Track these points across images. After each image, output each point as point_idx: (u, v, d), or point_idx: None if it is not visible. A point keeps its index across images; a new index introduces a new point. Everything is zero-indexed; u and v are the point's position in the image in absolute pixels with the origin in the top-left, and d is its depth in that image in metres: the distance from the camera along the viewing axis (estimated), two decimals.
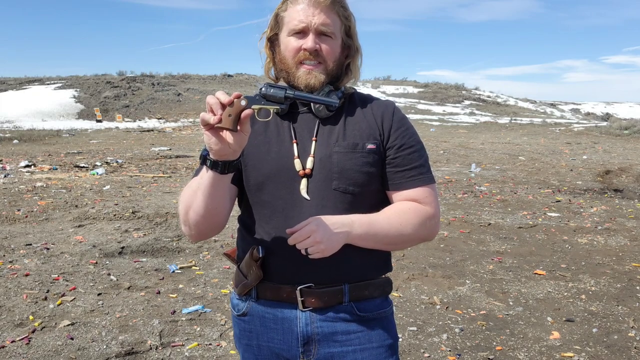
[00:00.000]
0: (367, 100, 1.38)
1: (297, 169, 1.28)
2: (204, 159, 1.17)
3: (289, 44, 1.29)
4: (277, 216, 1.29)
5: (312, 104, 1.29)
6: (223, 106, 1.07)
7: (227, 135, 1.09)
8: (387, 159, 1.31)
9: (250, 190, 1.34)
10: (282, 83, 1.31)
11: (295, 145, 1.29)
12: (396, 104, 1.39)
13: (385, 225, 1.26)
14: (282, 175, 1.29)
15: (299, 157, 1.29)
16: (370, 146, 1.29)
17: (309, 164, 1.28)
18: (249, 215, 1.36)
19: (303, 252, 1.18)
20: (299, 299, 1.28)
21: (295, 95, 1.09)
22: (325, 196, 1.26)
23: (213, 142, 1.09)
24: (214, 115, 1.06)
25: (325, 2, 1.26)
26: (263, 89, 1.08)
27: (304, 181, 1.28)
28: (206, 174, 1.18)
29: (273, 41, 1.35)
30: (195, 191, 1.24)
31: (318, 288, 1.28)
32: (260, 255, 1.29)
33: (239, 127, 1.08)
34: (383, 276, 1.38)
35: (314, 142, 1.30)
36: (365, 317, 1.32)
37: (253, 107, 1.08)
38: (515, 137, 19.99)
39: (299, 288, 1.28)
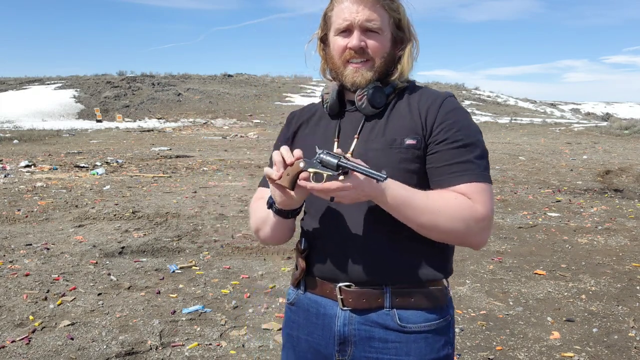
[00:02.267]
0: (418, 93, 1.30)
1: None
2: (270, 205, 1.25)
3: (336, 43, 1.28)
4: (318, 214, 1.30)
5: (356, 100, 1.27)
6: (285, 165, 1.14)
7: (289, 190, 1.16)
8: (428, 154, 1.23)
9: None
10: (337, 151, 1.16)
11: (335, 143, 1.29)
12: (452, 96, 1.29)
13: (420, 204, 1.16)
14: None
15: None
16: (410, 142, 1.22)
17: None
18: (304, 213, 1.39)
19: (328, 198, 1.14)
20: (339, 297, 1.26)
21: (347, 164, 1.06)
22: None
23: (277, 195, 1.18)
24: (277, 171, 1.15)
25: None
26: (322, 155, 1.09)
27: (340, 179, 1.23)
28: (270, 215, 1.27)
29: (324, 42, 1.34)
30: (264, 220, 1.33)
31: (357, 288, 1.25)
32: (303, 248, 1.32)
33: (295, 187, 1.16)
34: (436, 283, 1.27)
35: (355, 140, 1.28)
36: (407, 329, 1.24)
37: (309, 170, 1.12)
38: (515, 137, 19.99)
39: (338, 286, 1.26)
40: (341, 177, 1.09)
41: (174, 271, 4.43)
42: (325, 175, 1.10)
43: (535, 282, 4.27)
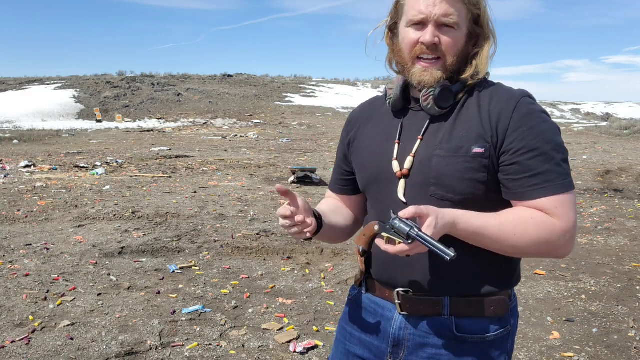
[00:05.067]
0: (490, 90, 1.21)
1: (395, 170, 1.22)
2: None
3: (406, 35, 1.19)
4: (378, 218, 1.23)
5: (421, 100, 1.20)
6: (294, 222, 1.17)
7: (306, 232, 1.19)
8: (502, 165, 1.14)
9: (362, 189, 1.36)
10: (409, 211, 1.07)
11: (396, 145, 1.24)
12: (527, 96, 1.18)
13: (495, 232, 1.11)
14: (381, 178, 1.25)
15: (397, 158, 1.22)
16: (477, 150, 1.14)
17: (407, 164, 1.20)
18: (368, 212, 1.38)
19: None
20: (396, 302, 1.24)
21: (417, 236, 1.03)
22: (421, 202, 1.12)
23: (294, 235, 1.20)
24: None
25: None
26: (395, 221, 1.08)
27: (401, 183, 1.21)
28: None
29: (392, 30, 1.26)
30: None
31: (416, 295, 1.22)
32: (362, 251, 1.30)
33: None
34: (499, 293, 1.22)
35: (418, 141, 1.20)
36: (463, 338, 1.20)
37: (383, 234, 1.13)
38: None
39: (396, 291, 1.24)
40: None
41: (173, 271, 4.42)
42: (397, 241, 1.10)
43: (535, 282, 4.27)
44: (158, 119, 25.36)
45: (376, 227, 1.15)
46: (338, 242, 1.42)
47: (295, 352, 3.04)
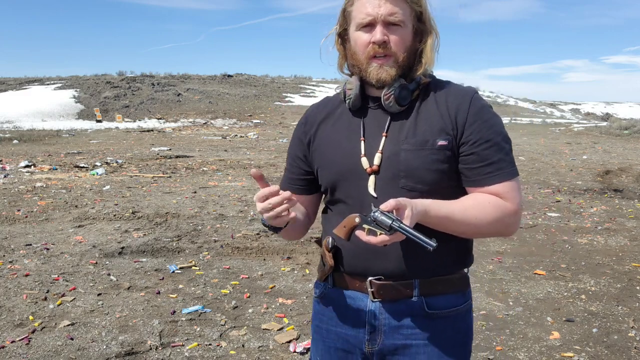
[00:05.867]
0: (443, 89, 1.31)
1: (365, 167, 1.29)
2: (269, 228, 1.32)
3: (358, 38, 1.28)
4: (348, 213, 1.29)
5: (383, 99, 1.28)
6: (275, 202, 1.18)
7: (289, 214, 1.21)
8: (461, 155, 1.26)
9: (325, 188, 1.39)
10: (389, 205, 1.15)
11: (362, 142, 1.30)
12: (477, 92, 1.32)
13: (460, 217, 1.23)
14: (351, 174, 1.31)
15: (365, 155, 1.29)
16: (441, 142, 1.25)
17: (377, 160, 1.28)
18: (329, 210, 1.42)
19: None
20: (369, 289, 1.31)
21: (400, 229, 1.11)
22: (392, 194, 1.21)
23: (270, 218, 1.21)
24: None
25: None
26: (376, 214, 1.14)
27: (371, 178, 1.28)
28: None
29: (343, 37, 1.35)
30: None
31: (388, 281, 1.30)
32: (331, 246, 1.35)
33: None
34: (460, 272, 1.36)
35: (383, 138, 1.29)
36: (435, 315, 1.31)
37: (364, 226, 1.19)
38: (515, 137, 19.98)
39: (369, 279, 1.31)
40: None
41: (173, 271, 4.43)
42: (378, 232, 1.16)
43: (535, 282, 4.27)
44: (158, 119, 25.36)
45: (357, 220, 1.20)
46: (294, 239, 1.47)
47: (295, 352, 3.04)
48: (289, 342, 3.16)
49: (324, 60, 1.38)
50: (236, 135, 19.68)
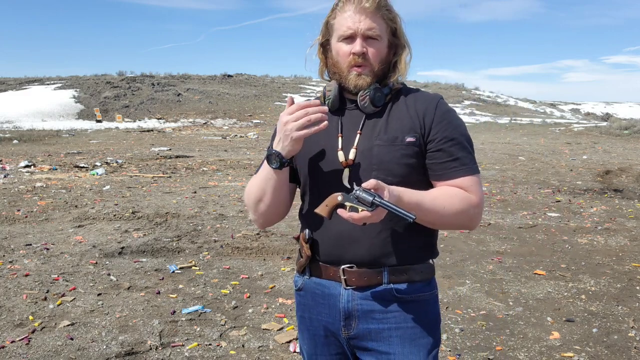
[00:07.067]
0: (413, 94, 1.48)
1: (340, 160, 1.42)
2: (269, 158, 1.42)
3: (340, 49, 1.42)
4: (318, 205, 1.40)
5: (359, 100, 1.42)
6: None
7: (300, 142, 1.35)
8: (428, 152, 1.40)
9: (303, 181, 1.51)
10: (370, 184, 1.26)
11: (340, 138, 1.44)
12: (442, 98, 1.47)
13: (429, 205, 1.34)
14: (327, 167, 1.44)
15: (342, 149, 1.43)
16: (410, 139, 1.39)
17: (351, 155, 1.41)
18: (305, 203, 1.52)
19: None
20: (342, 277, 1.42)
21: (381, 202, 1.20)
22: None
23: (291, 143, 1.34)
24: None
25: (370, 8, 1.38)
26: (358, 191, 1.23)
27: (346, 171, 1.41)
28: (272, 174, 1.43)
29: (325, 46, 1.49)
30: (263, 188, 1.47)
31: (360, 269, 1.41)
32: (307, 238, 1.46)
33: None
34: (426, 262, 1.47)
35: (358, 135, 1.43)
36: (403, 299, 1.42)
37: (346, 203, 1.27)
38: (515, 137, 19.99)
39: (341, 267, 1.42)
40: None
41: (173, 271, 4.43)
42: (360, 209, 1.24)
43: (535, 282, 4.27)
44: (158, 119, 25.36)
45: (339, 198, 1.29)
46: (273, 218, 1.53)
47: (295, 352, 3.04)
48: (289, 342, 3.16)
49: (308, 67, 1.53)
50: (236, 135, 19.69)
